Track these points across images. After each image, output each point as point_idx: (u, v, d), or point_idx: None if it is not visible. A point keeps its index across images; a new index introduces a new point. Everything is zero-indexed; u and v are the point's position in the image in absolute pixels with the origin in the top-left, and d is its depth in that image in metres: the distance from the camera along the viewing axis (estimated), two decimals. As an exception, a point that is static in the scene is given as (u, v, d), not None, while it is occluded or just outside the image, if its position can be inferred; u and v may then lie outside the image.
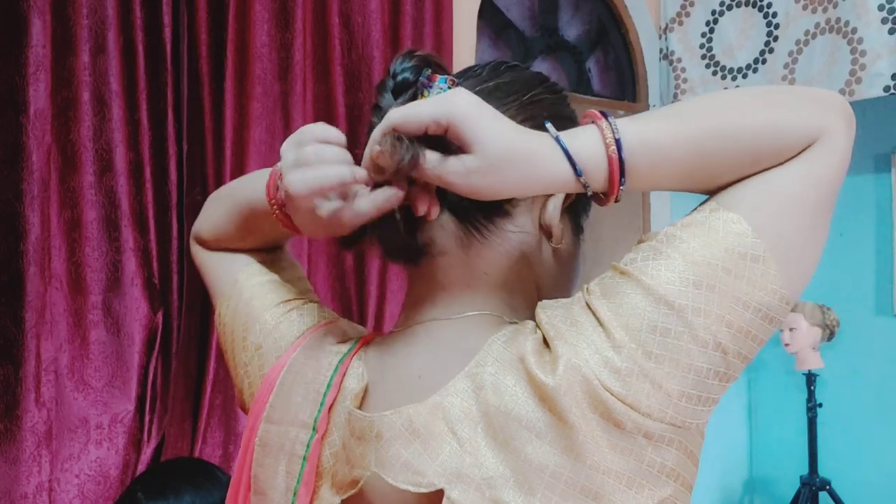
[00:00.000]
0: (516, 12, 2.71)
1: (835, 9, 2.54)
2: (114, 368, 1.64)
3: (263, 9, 1.79)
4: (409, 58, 0.59)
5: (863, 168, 3.08)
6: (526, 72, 0.65)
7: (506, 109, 0.59)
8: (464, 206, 0.59)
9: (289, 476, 0.61)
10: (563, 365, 0.51)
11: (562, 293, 0.67)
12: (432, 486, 0.52)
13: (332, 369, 0.63)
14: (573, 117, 0.65)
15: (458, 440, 0.52)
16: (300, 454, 0.61)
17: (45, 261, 1.51)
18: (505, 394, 0.52)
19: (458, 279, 0.61)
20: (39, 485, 1.49)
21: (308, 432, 0.61)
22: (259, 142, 1.78)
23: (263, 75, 1.79)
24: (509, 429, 0.51)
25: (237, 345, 0.72)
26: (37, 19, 1.48)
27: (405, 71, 0.59)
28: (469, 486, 0.51)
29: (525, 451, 0.50)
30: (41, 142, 1.49)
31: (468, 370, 0.55)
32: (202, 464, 1.42)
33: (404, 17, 2.03)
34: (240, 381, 0.72)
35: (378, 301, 1.96)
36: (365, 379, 0.61)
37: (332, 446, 0.60)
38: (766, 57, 2.74)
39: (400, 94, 0.59)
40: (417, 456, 0.53)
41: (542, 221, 0.62)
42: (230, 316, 0.73)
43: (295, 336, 0.69)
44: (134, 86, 1.66)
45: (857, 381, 3.04)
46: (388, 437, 0.55)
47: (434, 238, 0.61)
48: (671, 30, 2.96)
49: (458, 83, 0.59)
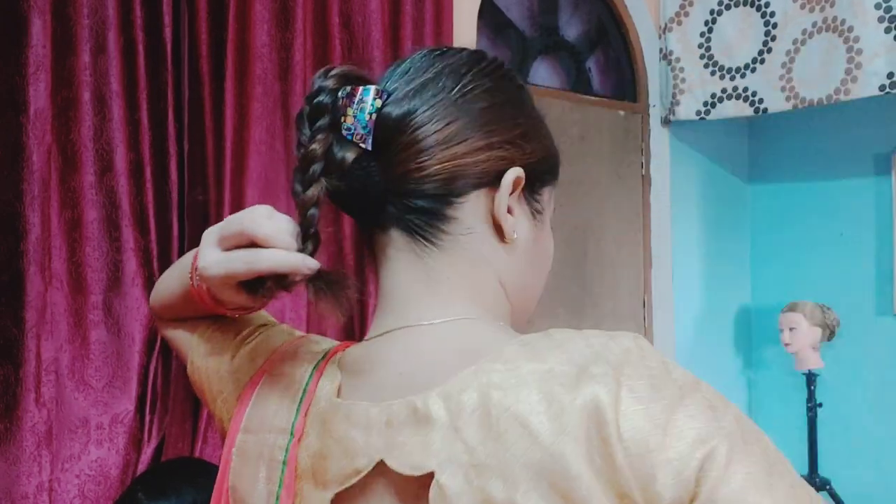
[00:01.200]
0: (516, 12, 2.71)
1: (832, 8, 2.54)
2: (114, 368, 1.64)
3: (264, 9, 1.79)
4: (324, 77, 0.58)
5: (863, 168, 3.09)
6: (458, 57, 0.62)
7: (434, 111, 0.58)
8: (406, 218, 0.59)
9: (269, 482, 0.61)
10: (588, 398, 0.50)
11: (530, 285, 0.66)
12: (425, 469, 0.52)
13: (307, 376, 0.63)
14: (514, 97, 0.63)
15: (455, 428, 0.52)
16: (279, 459, 0.61)
17: (45, 261, 1.51)
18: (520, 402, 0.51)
19: (422, 287, 0.61)
20: (40, 485, 1.49)
21: (286, 437, 0.61)
22: (259, 142, 1.78)
23: (264, 75, 1.79)
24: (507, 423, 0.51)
25: (212, 378, 0.73)
26: (37, 19, 1.49)
27: (320, 93, 0.57)
28: (458, 471, 0.51)
29: (517, 446, 0.50)
30: (41, 142, 1.49)
31: (478, 368, 0.54)
32: (202, 464, 1.42)
33: (404, 17, 2.03)
34: (219, 410, 0.72)
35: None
36: (339, 379, 0.61)
37: (308, 448, 0.60)
38: (765, 56, 2.74)
39: (316, 121, 0.57)
40: (419, 442, 0.53)
41: (494, 218, 0.60)
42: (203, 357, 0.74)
43: (266, 356, 0.70)
44: (134, 86, 1.66)
45: (857, 381, 3.04)
46: (398, 424, 0.55)
47: (389, 255, 0.61)
48: (670, 29, 2.96)
49: (382, 91, 0.58)
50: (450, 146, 0.58)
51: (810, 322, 2.83)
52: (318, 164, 0.57)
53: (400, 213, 0.59)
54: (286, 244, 0.56)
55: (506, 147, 0.60)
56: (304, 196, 0.57)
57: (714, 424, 0.49)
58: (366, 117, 0.57)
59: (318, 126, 0.57)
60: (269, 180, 1.79)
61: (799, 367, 2.88)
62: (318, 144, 0.57)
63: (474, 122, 0.59)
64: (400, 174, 0.58)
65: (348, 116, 0.57)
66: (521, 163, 0.61)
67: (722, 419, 0.50)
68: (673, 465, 0.48)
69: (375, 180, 0.58)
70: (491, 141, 0.59)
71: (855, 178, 3.11)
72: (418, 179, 0.58)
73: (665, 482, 0.47)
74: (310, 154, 0.57)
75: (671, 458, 0.48)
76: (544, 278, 0.68)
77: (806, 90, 2.62)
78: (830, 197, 3.17)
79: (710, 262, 3.24)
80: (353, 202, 0.61)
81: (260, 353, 0.70)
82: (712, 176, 3.27)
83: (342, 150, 0.57)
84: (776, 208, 3.34)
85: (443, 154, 0.58)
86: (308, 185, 0.57)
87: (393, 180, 0.58)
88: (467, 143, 0.58)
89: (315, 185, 0.57)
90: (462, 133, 0.58)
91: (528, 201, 0.63)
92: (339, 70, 0.58)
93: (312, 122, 0.58)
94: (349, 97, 0.57)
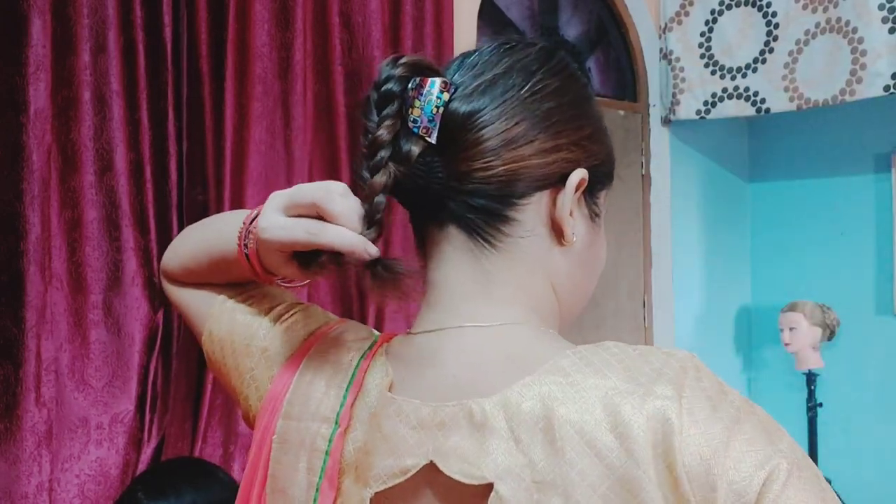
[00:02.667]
0: (516, 12, 2.71)
1: (835, 8, 2.54)
2: (114, 368, 1.64)
3: (263, 8, 1.79)
4: (393, 65, 0.57)
5: (863, 168, 3.09)
6: (527, 52, 0.60)
7: (503, 109, 0.57)
8: (467, 217, 0.58)
9: (310, 472, 0.59)
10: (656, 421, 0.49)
11: (582, 288, 0.65)
12: (483, 479, 0.51)
13: (354, 365, 0.62)
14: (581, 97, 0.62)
15: (516, 440, 0.51)
16: (322, 449, 0.59)
17: (45, 260, 1.51)
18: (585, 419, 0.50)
19: (476, 289, 0.60)
20: (40, 484, 1.49)
21: (330, 426, 0.59)
22: (259, 141, 1.78)
23: (264, 75, 1.79)
24: (570, 439, 0.50)
25: (239, 352, 0.70)
26: (37, 19, 1.48)
27: (389, 81, 0.56)
28: (519, 485, 0.50)
29: (580, 464, 0.49)
30: (41, 141, 1.49)
31: (535, 378, 0.53)
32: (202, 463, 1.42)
33: (404, 17, 2.03)
34: (245, 387, 0.69)
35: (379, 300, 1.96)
36: (390, 374, 0.60)
37: (354, 441, 0.58)
38: (766, 56, 2.74)
39: (384, 108, 0.57)
40: (474, 449, 0.52)
41: (553, 219, 0.59)
42: (225, 331, 0.71)
43: (303, 337, 0.67)
44: (134, 85, 1.66)
45: (857, 381, 3.04)
46: (450, 427, 0.54)
47: (444, 251, 0.60)
48: (670, 29, 2.96)
49: (450, 84, 0.57)
50: (517, 147, 0.57)
51: (810, 322, 2.82)
52: (385, 151, 0.56)
53: (461, 212, 0.58)
54: (353, 225, 0.56)
55: (572, 149, 0.59)
56: (371, 182, 0.56)
57: (771, 448, 0.49)
58: (432, 110, 0.56)
59: (385, 113, 0.56)
60: (269, 180, 1.79)
61: (799, 367, 2.88)
62: (386, 131, 0.56)
63: (542, 122, 0.58)
64: (463, 172, 0.57)
65: (415, 108, 0.56)
66: (585, 164, 0.60)
67: (778, 442, 0.50)
68: (735, 487, 0.48)
69: (438, 176, 0.58)
70: (558, 143, 0.58)
71: (855, 178, 3.11)
72: (482, 179, 0.57)
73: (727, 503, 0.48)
74: (377, 140, 0.56)
75: (734, 480, 0.48)
76: (596, 280, 0.67)
77: (810, 91, 2.61)
78: (831, 196, 3.17)
79: (710, 262, 3.24)
80: (414, 195, 0.60)
81: (296, 333, 0.68)
82: (712, 175, 3.27)
83: (408, 143, 0.57)
84: (776, 208, 3.34)
85: (509, 154, 0.57)
86: (375, 170, 0.56)
87: (456, 177, 0.57)
88: (534, 144, 0.57)
89: (383, 172, 0.56)
90: (529, 133, 0.57)
91: (587, 203, 0.62)
92: (408, 59, 0.57)
93: (380, 109, 0.57)
94: (417, 88, 0.56)
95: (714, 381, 0.52)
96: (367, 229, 0.56)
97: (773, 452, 0.49)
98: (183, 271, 0.76)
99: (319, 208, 0.57)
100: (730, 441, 0.49)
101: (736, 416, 0.50)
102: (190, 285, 0.77)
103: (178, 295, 0.78)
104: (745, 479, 0.48)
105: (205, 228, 0.76)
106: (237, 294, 0.73)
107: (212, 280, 0.75)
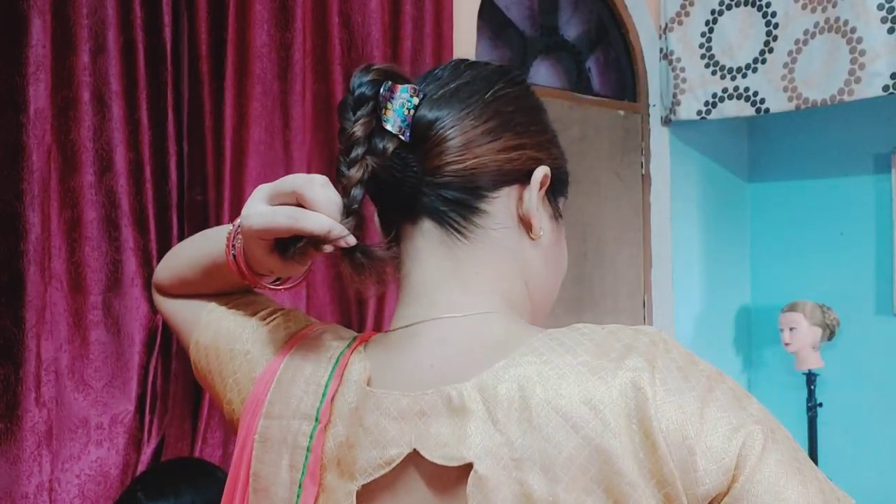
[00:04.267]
0: (516, 12, 2.71)
1: (834, 8, 2.54)
2: (114, 368, 1.64)
3: (263, 8, 1.79)
4: (366, 72, 0.61)
5: (863, 168, 3.08)
6: (486, 68, 0.66)
7: (470, 110, 0.61)
8: (440, 210, 0.61)
9: (293, 469, 0.61)
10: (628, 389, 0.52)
11: (549, 285, 0.68)
12: (463, 460, 0.53)
13: (333, 362, 0.63)
14: (538, 106, 0.67)
15: (493, 420, 0.53)
16: (303, 445, 0.61)
17: (45, 261, 1.51)
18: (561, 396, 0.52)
19: (451, 279, 0.62)
20: (40, 485, 1.49)
21: (311, 423, 0.61)
22: (258, 141, 1.78)
23: (263, 75, 1.79)
24: (547, 415, 0.52)
25: (223, 357, 0.72)
26: (37, 19, 1.48)
27: (362, 86, 0.60)
28: (497, 463, 0.52)
29: (557, 438, 0.51)
30: (41, 141, 1.49)
31: (510, 360, 0.55)
32: (202, 464, 1.42)
33: (404, 17, 2.03)
34: (228, 390, 0.71)
35: (377, 301, 1.96)
36: (368, 369, 0.62)
37: (335, 437, 0.60)
38: (766, 56, 2.74)
39: (359, 109, 0.60)
40: (454, 433, 0.54)
41: (520, 214, 0.63)
42: (210, 339, 0.74)
43: (284, 338, 0.69)
44: (134, 85, 1.66)
45: (857, 381, 3.04)
46: (430, 414, 0.56)
47: (418, 246, 0.63)
48: (670, 29, 2.96)
49: (419, 90, 0.61)
50: (485, 143, 0.61)
51: (810, 322, 2.82)
52: (360, 148, 0.60)
53: (434, 205, 0.62)
54: (332, 213, 0.59)
55: (536, 148, 0.64)
56: (348, 175, 0.59)
57: (743, 413, 0.52)
58: (404, 112, 0.60)
59: (360, 114, 0.60)
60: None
61: (799, 366, 2.88)
62: (361, 128, 0.60)
63: (507, 123, 0.63)
64: (436, 166, 0.61)
65: (388, 110, 0.60)
66: (548, 164, 0.64)
67: (749, 408, 0.53)
68: (713, 451, 0.50)
69: (413, 170, 0.61)
70: (522, 142, 0.63)
71: (855, 178, 3.11)
72: (454, 172, 0.61)
73: (706, 468, 0.50)
74: (353, 137, 0.60)
75: (711, 446, 0.50)
76: (559, 281, 0.70)
77: (809, 91, 2.61)
78: (830, 196, 3.17)
79: (709, 262, 3.24)
80: (389, 191, 0.62)
81: (277, 335, 0.70)
82: (712, 175, 3.27)
83: (382, 140, 0.60)
84: (776, 208, 3.34)
85: (478, 150, 0.61)
86: (352, 164, 0.59)
87: (429, 172, 0.61)
88: (500, 141, 0.62)
89: (359, 166, 0.59)
90: (496, 131, 0.62)
91: (550, 203, 0.67)
92: (379, 66, 0.62)
93: (355, 110, 0.60)
94: (389, 91, 0.60)
95: (683, 353, 0.54)
96: (345, 218, 0.59)
97: (746, 417, 0.51)
98: (174, 281, 0.79)
99: (300, 196, 0.59)
100: (704, 408, 0.51)
101: (707, 384, 0.53)
102: (180, 297, 0.80)
103: (167, 307, 0.81)
104: (722, 444, 0.50)
105: (196, 239, 0.79)
106: (225, 303, 0.76)
107: (202, 290, 0.77)
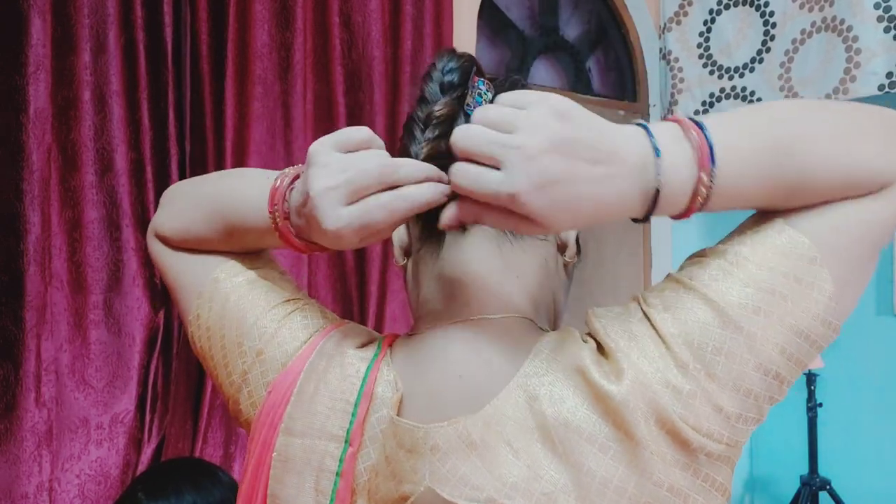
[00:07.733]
0: (516, 12, 2.71)
1: (831, 7, 2.54)
2: (114, 368, 1.64)
3: (264, 8, 1.79)
4: (454, 58, 0.59)
5: (862, 168, 3.08)
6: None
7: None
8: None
9: (319, 494, 0.57)
10: (629, 379, 0.50)
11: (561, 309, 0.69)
12: (491, 500, 0.50)
13: (361, 378, 0.59)
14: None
15: (514, 452, 0.51)
16: (332, 469, 0.57)
17: (45, 260, 1.51)
18: (563, 404, 0.51)
19: (493, 279, 0.61)
20: (40, 485, 1.49)
21: (340, 445, 0.57)
22: (259, 141, 1.78)
23: (264, 75, 1.79)
24: (569, 441, 0.50)
25: (229, 350, 0.65)
26: (37, 19, 1.48)
27: (452, 72, 0.58)
28: (528, 499, 0.50)
29: (587, 465, 0.49)
30: (41, 141, 1.49)
31: (518, 381, 0.53)
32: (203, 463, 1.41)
33: (404, 16, 2.03)
34: (235, 389, 0.65)
35: (378, 301, 1.96)
36: (400, 388, 0.58)
37: (366, 460, 0.56)
38: (763, 56, 2.74)
39: (445, 93, 0.58)
40: (475, 470, 0.51)
41: (561, 235, 0.65)
42: (214, 318, 0.67)
43: (302, 341, 0.64)
44: (135, 85, 1.66)
45: (857, 381, 3.04)
46: (445, 450, 0.53)
47: (468, 239, 0.62)
48: (669, 29, 2.96)
49: (492, 86, 0.60)
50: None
51: (810, 322, 2.82)
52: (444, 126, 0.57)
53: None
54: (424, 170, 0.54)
55: None
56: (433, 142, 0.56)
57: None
58: (483, 103, 0.59)
59: (449, 96, 0.58)
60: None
61: (799, 366, 2.88)
62: (447, 109, 0.57)
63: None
64: None
65: (470, 97, 0.59)
66: None
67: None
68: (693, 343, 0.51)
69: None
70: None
71: (854, 178, 3.11)
72: None
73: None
74: (435, 114, 0.57)
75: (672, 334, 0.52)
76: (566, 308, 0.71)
77: (805, 90, 2.62)
78: (830, 197, 3.17)
79: (709, 262, 3.23)
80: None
81: (293, 335, 0.64)
82: (712, 176, 3.26)
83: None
84: (776, 208, 3.34)
85: None
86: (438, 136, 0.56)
87: None
88: None
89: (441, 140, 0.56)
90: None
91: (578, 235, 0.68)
92: (464, 53, 0.60)
93: (443, 90, 0.58)
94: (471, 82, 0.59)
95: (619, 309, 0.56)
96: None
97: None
98: (183, 235, 0.70)
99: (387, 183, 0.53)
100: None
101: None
102: (185, 250, 0.71)
103: (169, 260, 0.72)
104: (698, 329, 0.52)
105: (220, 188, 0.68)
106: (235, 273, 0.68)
107: (216, 247, 0.69)
